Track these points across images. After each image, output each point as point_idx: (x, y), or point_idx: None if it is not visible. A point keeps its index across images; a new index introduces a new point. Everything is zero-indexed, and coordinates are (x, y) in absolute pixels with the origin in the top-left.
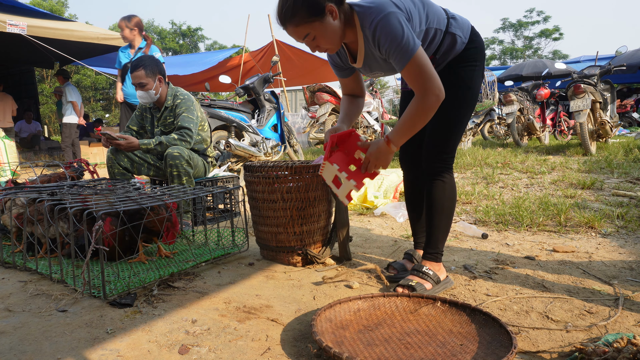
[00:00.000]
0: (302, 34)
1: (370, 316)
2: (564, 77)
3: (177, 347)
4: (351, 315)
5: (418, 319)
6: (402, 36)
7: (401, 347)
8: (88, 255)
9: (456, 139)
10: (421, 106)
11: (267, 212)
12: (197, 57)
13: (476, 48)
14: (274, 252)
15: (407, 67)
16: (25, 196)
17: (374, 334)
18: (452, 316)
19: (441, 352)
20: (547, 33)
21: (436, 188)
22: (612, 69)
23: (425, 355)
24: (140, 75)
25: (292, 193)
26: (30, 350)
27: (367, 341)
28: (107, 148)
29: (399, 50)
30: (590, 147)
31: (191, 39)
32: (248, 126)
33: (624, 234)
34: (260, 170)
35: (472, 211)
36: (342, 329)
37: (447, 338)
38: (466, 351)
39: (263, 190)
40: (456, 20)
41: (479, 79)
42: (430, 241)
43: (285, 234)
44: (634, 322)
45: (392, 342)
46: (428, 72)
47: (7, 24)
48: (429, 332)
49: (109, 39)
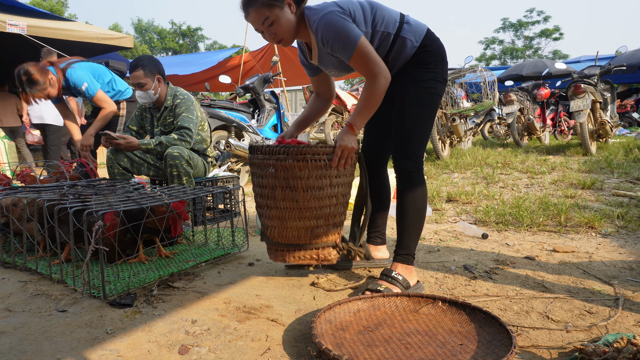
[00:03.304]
0: (262, 18)
1: (370, 317)
2: (564, 77)
3: (177, 347)
4: (351, 316)
5: (418, 319)
6: (343, 29)
7: (401, 348)
8: (88, 255)
9: (420, 137)
10: (373, 89)
11: (310, 203)
12: (197, 57)
13: (429, 52)
14: (302, 250)
15: (354, 57)
16: (25, 196)
17: (374, 335)
18: (452, 315)
19: (441, 352)
20: (547, 33)
21: (406, 188)
22: (612, 69)
23: (426, 355)
24: (139, 75)
25: (340, 177)
26: (30, 350)
27: (367, 342)
28: (106, 148)
29: (342, 43)
30: (591, 147)
31: (191, 39)
32: (248, 126)
33: (624, 234)
34: (308, 152)
35: (472, 211)
36: (342, 330)
37: (447, 338)
38: (466, 351)
39: (309, 176)
40: (410, 24)
41: (434, 81)
42: (402, 242)
43: (325, 227)
44: (634, 322)
45: (392, 343)
46: (373, 57)
47: (7, 24)
48: (429, 332)
49: (109, 39)
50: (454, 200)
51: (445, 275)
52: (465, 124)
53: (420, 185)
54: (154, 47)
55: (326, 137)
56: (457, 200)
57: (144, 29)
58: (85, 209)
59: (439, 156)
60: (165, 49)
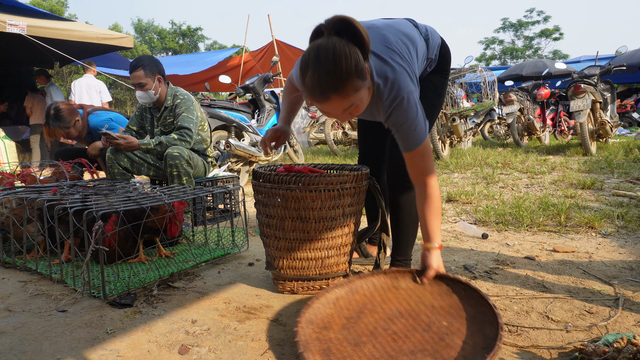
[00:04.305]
0: (348, 105)
1: (350, 304)
2: (564, 77)
3: (177, 347)
4: (331, 308)
5: (399, 297)
6: (416, 121)
7: (389, 341)
8: (88, 255)
9: None
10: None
11: (322, 234)
12: (197, 57)
13: (446, 59)
14: (311, 281)
15: (414, 152)
16: (26, 196)
17: (359, 327)
18: (431, 288)
19: (429, 338)
20: (547, 33)
21: (402, 193)
22: (612, 68)
23: (414, 345)
24: (139, 75)
25: (353, 205)
26: (30, 351)
27: (353, 340)
28: (106, 148)
29: (413, 134)
30: (591, 147)
31: (191, 39)
32: (248, 126)
33: (624, 234)
34: (321, 182)
35: (472, 211)
36: (326, 329)
37: (430, 317)
38: (453, 331)
39: (322, 207)
40: (429, 41)
41: (446, 86)
42: (399, 248)
43: (336, 257)
44: (634, 322)
45: (379, 335)
46: (431, 164)
47: (7, 24)
48: (412, 312)
49: (109, 39)
50: (454, 200)
51: None
52: (465, 124)
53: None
54: (154, 47)
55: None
56: (457, 200)
57: (144, 29)
58: (85, 209)
59: (439, 156)
60: (165, 49)
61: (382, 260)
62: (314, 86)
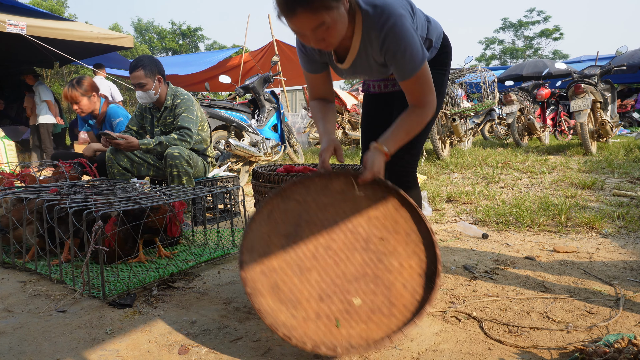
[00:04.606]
0: (317, 23)
1: (285, 215)
2: (564, 77)
3: (176, 348)
4: (267, 225)
5: (334, 202)
6: (413, 44)
7: (331, 265)
8: (87, 255)
9: (421, 141)
10: (421, 119)
11: None
12: (197, 57)
13: (447, 53)
14: None
15: (414, 78)
16: (25, 196)
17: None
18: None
19: (368, 260)
20: (548, 33)
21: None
22: (612, 68)
23: (356, 268)
24: (139, 76)
25: None
26: (30, 351)
27: (297, 267)
28: (106, 148)
29: (410, 60)
30: (591, 147)
31: (191, 39)
32: (248, 126)
33: (624, 234)
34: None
35: (473, 211)
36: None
37: (367, 230)
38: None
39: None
40: (431, 24)
41: (446, 84)
42: None
43: None
44: (634, 323)
45: (321, 258)
46: (431, 83)
47: (6, 24)
48: (349, 223)
49: (109, 39)
50: (454, 200)
51: (445, 275)
52: (466, 124)
53: (415, 188)
54: (154, 47)
55: None
56: (457, 200)
57: (144, 29)
58: (85, 209)
59: (439, 156)
60: (165, 49)
61: None
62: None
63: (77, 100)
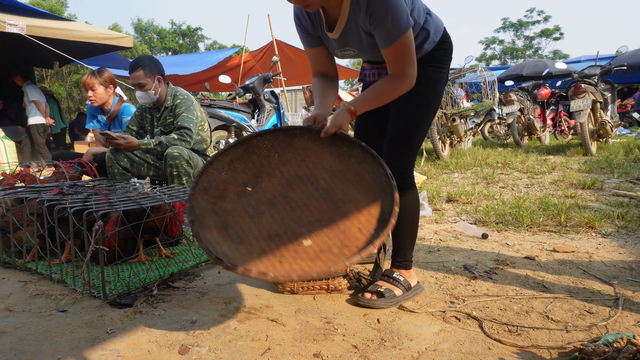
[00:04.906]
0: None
1: (246, 165)
2: (564, 77)
3: (177, 347)
4: (226, 172)
5: (297, 157)
6: (398, 9)
7: (287, 210)
8: (88, 255)
9: (418, 140)
10: (394, 87)
11: None
12: (197, 57)
13: (446, 50)
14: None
15: (395, 45)
16: (26, 196)
17: (257, 196)
18: (330, 148)
19: (326, 207)
20: (548, 33)
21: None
22: (612, 68)
23: (312, 214)
24: (139, 76)
25: None
26: (30, 350)
27: (252, 209)
28: (106, 148)
29: (393, 24)
30: (591, 147)
31: (191, 38)
32: (248, 126)
33: (624, 234)
34: None
35: (472, 211)
36: (221, 198)
37: (329, 182)
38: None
39: None
40: (431, 17)
41: (443, 82)
42: (398, 250)
43: None
44: (633, 322)
45: (277, 203)
46: (412, 54)
47: (6, 24)
48: (311, 176)
49: (109, 39)
50: (454, 200)
51: (445, 275)
52: (465, 124)
53: (411, 189)
54: (153, 47)
55: None
56: (457, 200)
57: (143, 28)
58: (85, 209)
59: (439, 156)
60: (165, 49)
61: (382, 260)
62: None
63: (93, 87)
